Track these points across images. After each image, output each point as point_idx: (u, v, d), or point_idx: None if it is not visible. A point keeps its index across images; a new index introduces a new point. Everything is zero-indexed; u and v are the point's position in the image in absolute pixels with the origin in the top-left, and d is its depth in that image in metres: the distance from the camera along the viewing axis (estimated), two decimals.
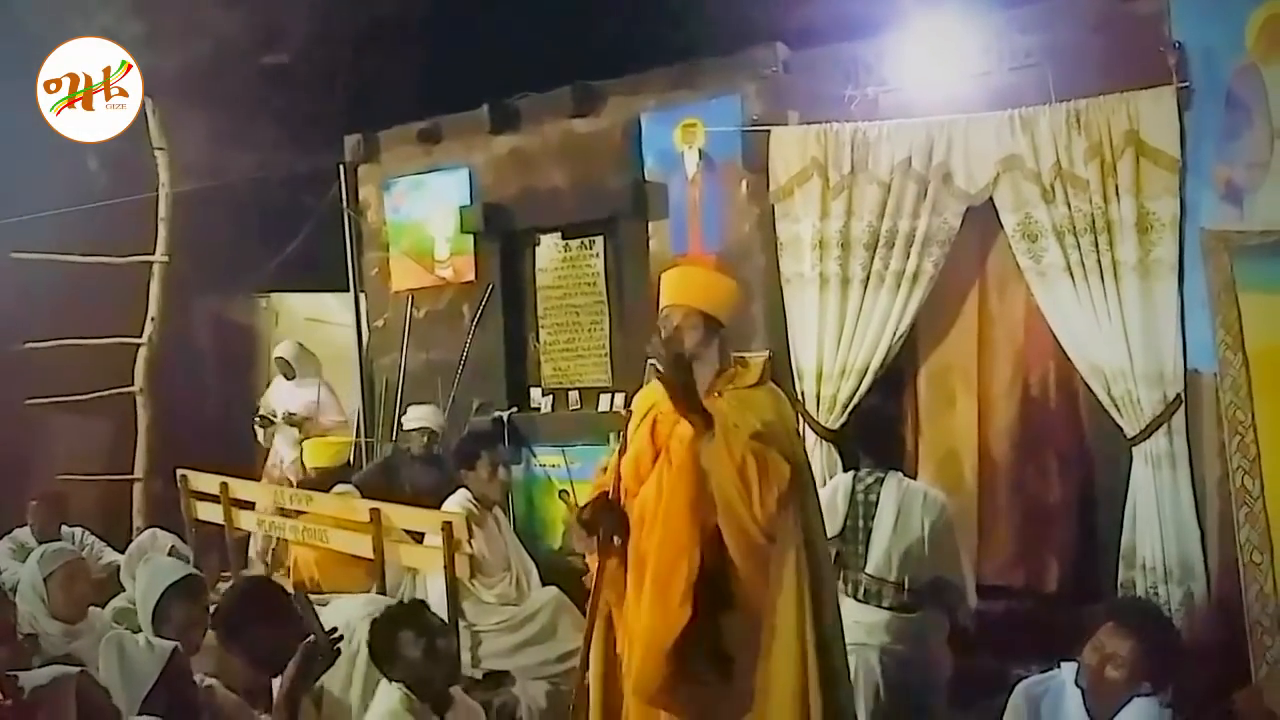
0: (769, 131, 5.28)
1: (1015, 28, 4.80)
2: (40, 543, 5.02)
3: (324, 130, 7.01)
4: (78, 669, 2.98)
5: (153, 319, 6.86)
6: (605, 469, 3.40)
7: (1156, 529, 4.44)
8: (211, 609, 3.64)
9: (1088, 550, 4.99)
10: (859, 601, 4.27)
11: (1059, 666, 3.29)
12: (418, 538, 4.75)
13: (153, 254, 6.86)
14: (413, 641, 3.33)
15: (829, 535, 4.29)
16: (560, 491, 5.89)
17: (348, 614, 3.86)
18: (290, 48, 7.08)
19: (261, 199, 7.04)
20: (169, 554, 4.77)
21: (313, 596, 3.96)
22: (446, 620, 3.76)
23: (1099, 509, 4.93)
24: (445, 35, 6.81)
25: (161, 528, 5.28)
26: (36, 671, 3.11)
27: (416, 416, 6.13)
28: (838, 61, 5.22)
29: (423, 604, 3.56)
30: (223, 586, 5.51)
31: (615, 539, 3.23)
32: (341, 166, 7.01)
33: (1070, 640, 3.28)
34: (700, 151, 5.58)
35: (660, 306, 3.34)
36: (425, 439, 6.03)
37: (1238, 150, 4.36)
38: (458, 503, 4.87)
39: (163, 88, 6.28)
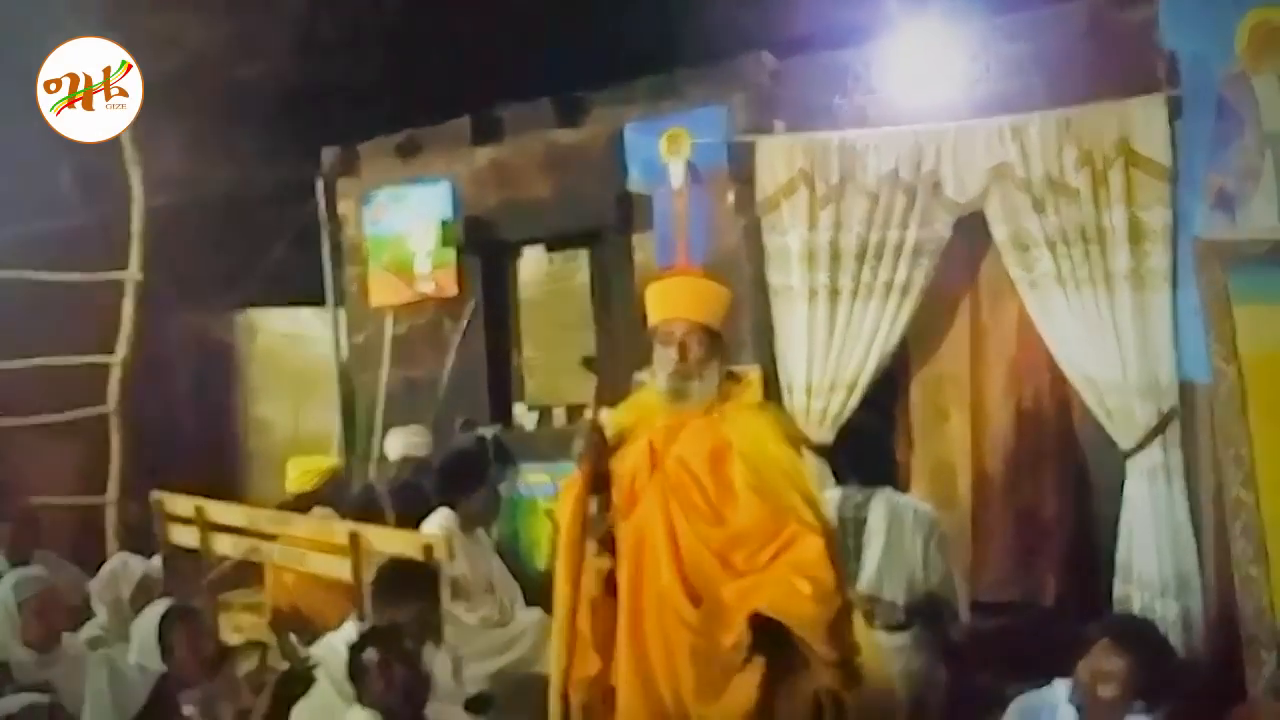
0: (756, 142, 5.24)
1: (1004, 36, 4.79)
2: (13, 567, 4.92)
3: (301, 142, 6.94)
4: (48, 697, 2.93)
5: (126, 337, 6.75)
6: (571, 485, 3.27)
7: (1152, 542, 4.41)
8: None
9: (1083, 564, 4.97)
10: None
11: (1053, 683, 3.26)
12: None
13: (126, 270, 6.75)
14: (383, 665, 3.25)
15: None
16: (547, 511, 5.81)
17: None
18: (267, 59, 7.01)
19: (238, 213, 6.97)
20: (141, 580, 4.70)
21: None
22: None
23: (1094, 522, 4.92)
24: (425, 46, 6.76)
25: (135, 552, 5.19)
26: (7, 699, 3.10)
27: (401, 444, 6.01)
28: (825, 70, 5.20)
29: (397, 626, 3.48)
30: None
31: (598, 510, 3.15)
32: (320, 179, 6.93)
33: (1065, 657, 3.25)
34: (686, 162, 5.52)
35: (656, 321, 3.23)
36: (411, 467, 5.89)
37: (1229, 158, 4.37)
38: (438, 524, 4.78)
39: None
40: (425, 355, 6.56)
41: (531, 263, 6.35)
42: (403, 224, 6.59)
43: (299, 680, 3.08)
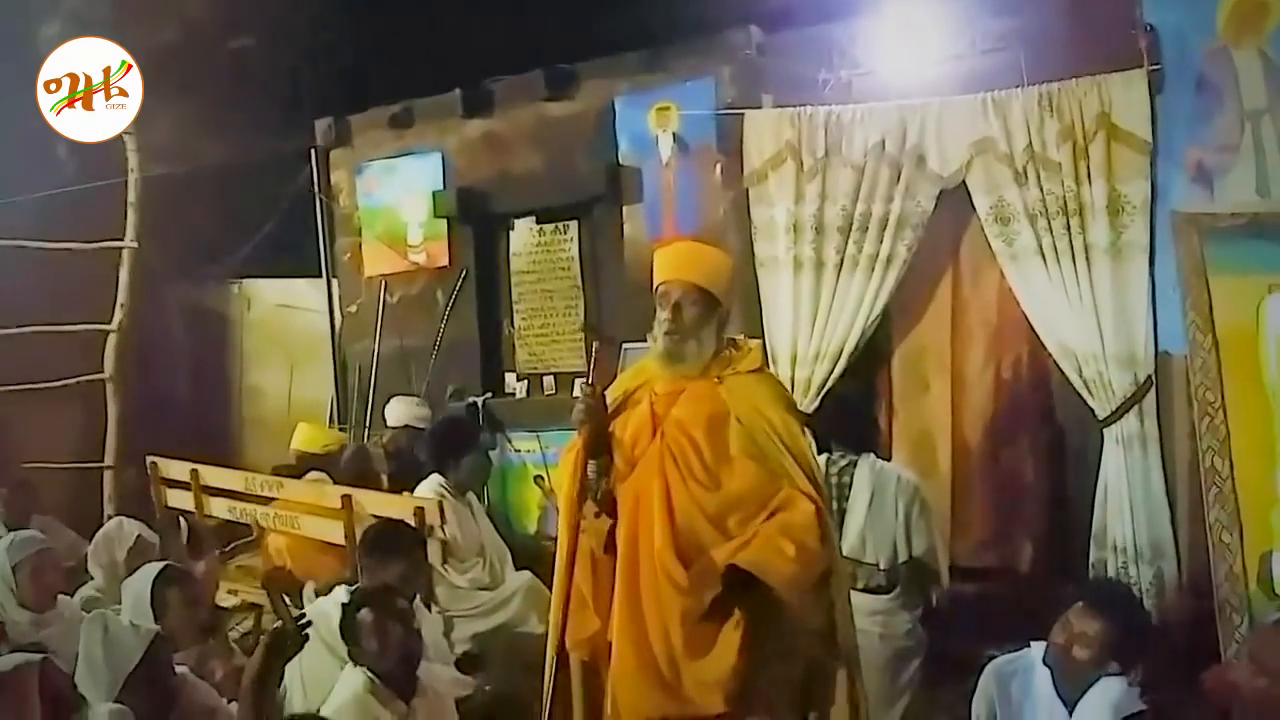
0: (743, 115, 5.28)
1: (988, 11, 4.82)
2: (10, 531, 4.97)
3: (295, 114, 6.96)
4: (41, 656, 2.97)
5: (122, 305, 6.78)
6: (572, 449, 3.27)
7: (1127, 510, 4.49)
8: None
9: (1060, 531, 5.03)
10: None
11: (1029, 646, 3.33)
12: None
13: (122, 240, 6.79)
14: (377, 625, 3.31)
15: None
16: (535, 477, 5.89)
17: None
18: (260, 31, 7.01)
19: (232, 184, 6.97)
20: (135, 542, 4.75)
21: None
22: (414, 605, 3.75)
23: (1071, 490, 4.98)
24: (417, 18, 6.76)
25: (132, 516, 5.24)
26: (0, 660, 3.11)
27: (403, 414, 6.09)
28: (812, 45, 5.23)
29: (390, 588, 3.54)
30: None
31: (596, 473, 3.14)
32: (313, 151, 6.95)
33: (1042, 621, 3.32)
34: (674, 135, 5.56)
35: (655, 283, 3.24)
36: (408, 437, 5.95)
37: (1208, 133, 4.42)
38: (430, 488, 4.85)
39: None
40: (417, 324, 6.62)
41: (522, 234, 6.38)
42: (395, 195, 6.65)
43: (292, 639, 3.12)
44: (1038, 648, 3.28)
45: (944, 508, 5.05)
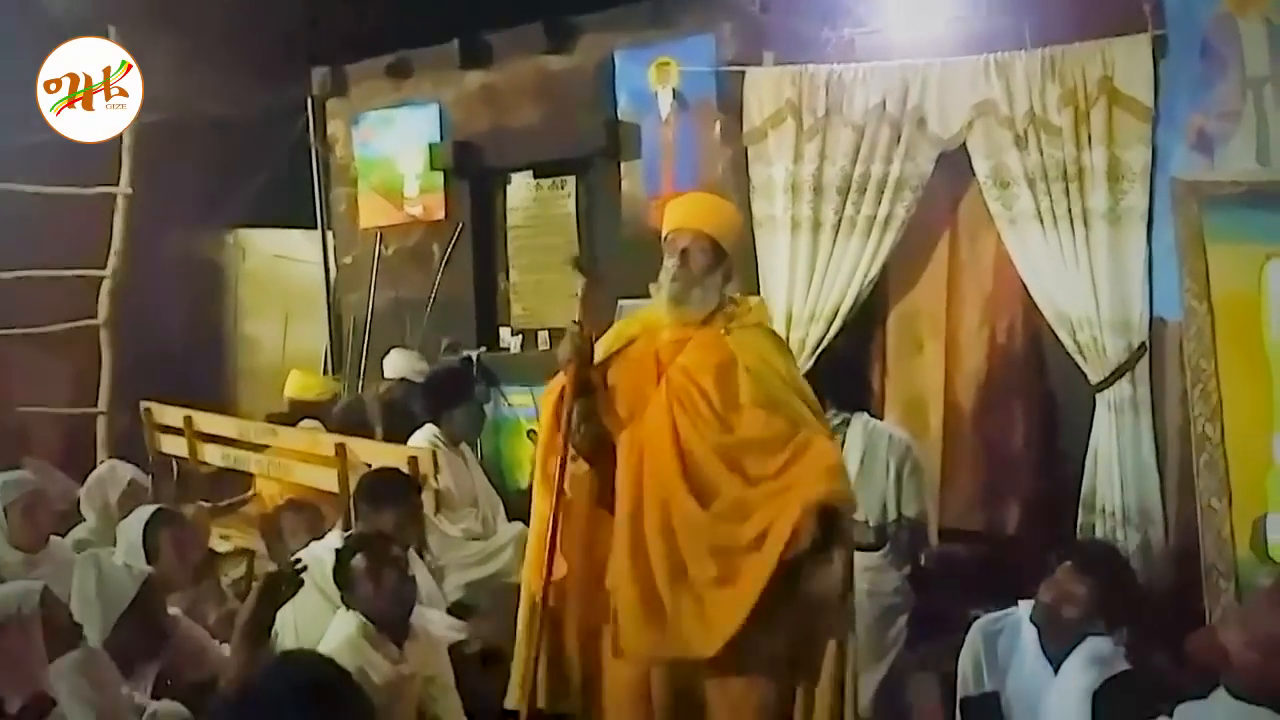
0: (744, 72, 5.24)
1: None
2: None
3: (291, 63, 6.89)
4: (41, 584, 2.99)
5: (117, 252, 6.77)
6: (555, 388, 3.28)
7: (1117, 475, 4.50)
8: None
9: (1048, 495, 5.04)
10: None
11: (1016, 605, 3.36)
12: None
13: (117, 186, 6.75)
14: (371, 571, 3.34)
15: None
16: (529, 431, 5.90)
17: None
18: None
19: (227, 132, 6.93)
20: (129, 486, 4.76)
21: None
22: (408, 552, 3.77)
23: (1061, 454, 4.99)
24: None
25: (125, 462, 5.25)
26: (8, 586, 3.14)
27: (402, 366, 6.09)
28: (815, 2, 5.17)
29: (384, 535, 3.56)
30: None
31: (579, 417, 3.16)
32: (309, 100, 6.91)
33: (1029, 581, 3.36)
34: (674, 91, 5.53)
35: (665, 232, 3.28)
36: (403, 389, 5.96)
37: (1211, 100, 4.38)
38: (424, 438, 4.87)
39: (127, 18, 6.16)
40: (412, 277, 6.59)
41: (519, 188, 6.35)
42: (391, 146, 6.61)
43: (287, 582, 3.14)
44: (1025, 606, 3.32)
45: (934, 469, 5.05)
